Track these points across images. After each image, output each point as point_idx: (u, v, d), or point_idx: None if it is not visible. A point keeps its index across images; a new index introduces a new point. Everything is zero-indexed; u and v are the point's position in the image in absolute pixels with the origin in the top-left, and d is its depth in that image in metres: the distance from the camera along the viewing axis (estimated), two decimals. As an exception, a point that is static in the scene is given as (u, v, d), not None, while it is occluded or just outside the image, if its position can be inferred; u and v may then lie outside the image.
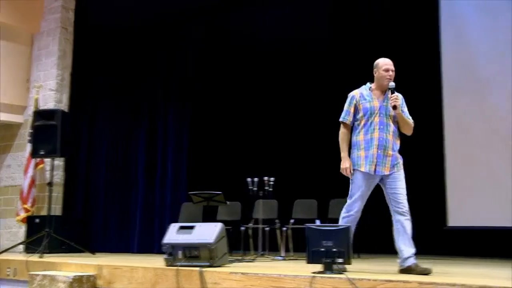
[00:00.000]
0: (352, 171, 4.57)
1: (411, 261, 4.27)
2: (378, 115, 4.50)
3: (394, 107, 4.43)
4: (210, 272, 4.45)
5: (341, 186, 8.04)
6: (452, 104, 7.66)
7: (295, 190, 8.12)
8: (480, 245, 7.28)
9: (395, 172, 4.49)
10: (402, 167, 4.55)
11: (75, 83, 9.04)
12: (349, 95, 4.70)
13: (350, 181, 4.63)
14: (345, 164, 4.57)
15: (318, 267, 4.12)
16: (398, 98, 4.47)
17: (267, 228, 7.26)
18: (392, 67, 4.58)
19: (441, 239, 7.46)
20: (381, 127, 4.48)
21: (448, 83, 7.62)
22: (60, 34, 9.00)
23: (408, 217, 4.40)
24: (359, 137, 4.56)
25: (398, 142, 4.58)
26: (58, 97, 8.85)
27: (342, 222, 4.51)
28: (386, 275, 4.12)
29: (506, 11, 7.36)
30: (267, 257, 6.75)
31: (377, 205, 8.09)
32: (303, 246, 4.27)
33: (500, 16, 7.41)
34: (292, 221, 7.38)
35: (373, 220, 7.85)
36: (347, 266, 4.12)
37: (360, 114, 4.57)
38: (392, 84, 4.50)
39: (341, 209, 7.46)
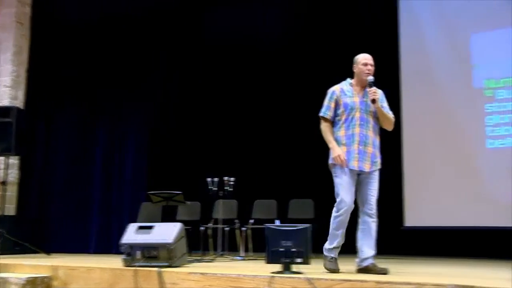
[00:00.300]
0: (334, 167, 4.48)
1: (369, 261, 4.31)
2: (358, 110, 4.44)
3: (373, 101, 4.38)
4: (169, 272, 4.41)
5: (301, 187, 8.20)
6: (409, 105, 7.82)
7: (255, 190, 8.14)
8: (435, 244, 7.45)
9: (373, 172, 4.46)
10: (380, 165, 4.53)
11: (31, 80, 8.80)
12: (329, 90, 4.61)
13: (334, 178, 4.52)
14: (336, 151, 4.41)
15: (277, 267, 4.13)
16: (377, 92, 4.43)
17: (226, 228, 7.25)
18: (371, 62, 4.53)
19: (397, 239, 7.59)
20: (362, 122, 4.43)
21: (406, 84, 7.77)
22: (15, 29, 8.74)
23: (375, 219, 4.41)
24: (340, 132, 4.48)
25: (378, 139, 4.54)
26: (13, 93, 8.60)
27: (335, 222, 4.44)
28: (344, 274, 4.17)
29: (461, 15, 7.57)
30: (227, 257, 6.74)
31: (326, 205, 8.21)
32: (263, 246, 4.28)
33: (455, 21, 7.62)
34: (251, 221, 7.39)
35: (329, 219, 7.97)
36: (306, 266, 4.14)
37: (341, 109, 4.49)
38: (370, 78, 4.45)
39: (301, 209, 7.56)
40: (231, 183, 7.16)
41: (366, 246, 4.35)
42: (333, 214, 4.48)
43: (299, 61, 8.79)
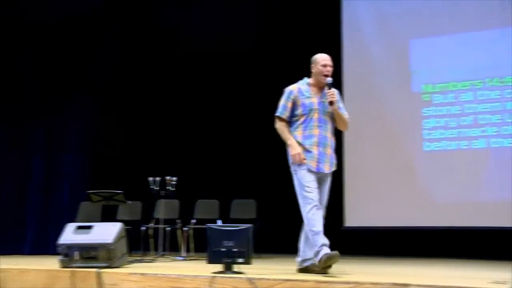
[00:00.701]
0: (293, 165, 4.38)
1: (311, 262, 4.30)
2: (317, 111, 4.34)
3: (331, 103, 4.30)
4: (108, 273, 4.32)
5: (243, 187, 8.21)
6: (350, 107, 7.94)
7: (197, 190, 8.10)
8: (374, 244, 7.63)
9: (329, 176, 4.40)
10: (336, 167, 4.47)
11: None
12: (286, 89, 4.49)
13: (294, 178, 4.40)
14: (295, 149, 4.30)
15: (219, 267, 4.12)
16: (335, 94, 4.35)
17: (168, 228, 7.17)
18: (330, 63, 4.44)
19: (337, 239, 7.71)
20: (320, 124, 4.34)
21: (348, 86, 7.90)
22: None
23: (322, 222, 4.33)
24: (297, 133, 4.37)
25: (334, 140, 4.46)
26: None
27: (309, 217, 4.25)
28: (285, 274, 4.20)
29: (401, 21, 7.78)
30: (167, 258, 6.67)
31: (277, 206, 8.28)
32: (204, 246, 4.25)
33: (396, 26, 7.83)
34: (193, 221, 7.35)
35: (274, 220, 8.04)
36: (247, 266, 4.15)
37: (299, 110, 4.37)
38: (329, 79, 4.36)
39: (243, 210, 7.57)
40: (173, 182, 7.09)
41: (309, 246, 4.29)
42: (304, 213, 4.31)
43: (240, 61, 8.78)
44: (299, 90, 4.43)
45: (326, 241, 4.20)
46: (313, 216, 4.23)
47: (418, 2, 7.71)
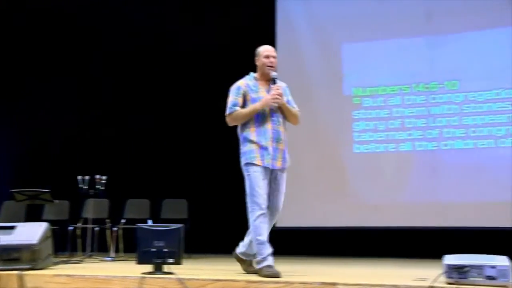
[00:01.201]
0: (246, 166, 4.26)
1: (252, 258, 4.22)
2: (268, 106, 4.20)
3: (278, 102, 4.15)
4: (32, 275, 4.15)
5: (174, 187, 8.13)
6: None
7: (128, 189, 7.95)
8: (305, 244, 7.73)
9: (283, 171, 4.24)
10: (289, 162, 4.30)
11: None
12: (233, 86, 4.32)
13: (246, 179, 4.27)
14: (265, 100, 4.15)
15: (149, 267, 4.05)
16: (280, 88, 4.19)
17: (96, 228, 7.00)
18: (273, 53, 4.31)
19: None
20: (273, 118, 4.19)
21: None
22: None
23: (276, 219, 4.26)
24: (250, 129, 4.21)
25: (286, 133, 4.30)
26: None
27: (255, 225, 4.14)
28: (216, 274, 4.18)
29: (334, 24, 7.95)
30: (96, 258, 6.50)
31: (208, 206, 8.26)
32: (134, 246, 4.18)
33: (328, 30, 7.98)
34: (123, 221, 7.20)
35: (205, 220, 8.00)
36: (178, 266, 4.10)
37: (249, 105, 4.21)
38: (274, 74, 4.23)
39: (174, 209, 7.49)
40: (103, 181, 6.92)
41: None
42: (251, 219, 4.18)
43: (172, 60, 8.72)
44: (247, 85, 4.28)
45: (270, 250, 4.12)
46: (260, 224, 4.13)
47: (350, 7, 7.90)
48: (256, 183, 4.15)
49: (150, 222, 6.74)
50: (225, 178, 8.37)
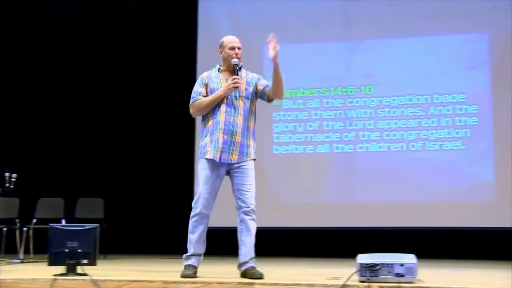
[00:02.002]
0: (199, 161, 4.09)
1: (248, 265, 3.94)
2: (225, 97, 4.02)
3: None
4: None
5: (90, 185, 7.91)
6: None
7: (40, 188, 7.62)
8: (224, 244, 7.70)
9: (244, 164, 4.00)
10: (253, 156, 4.05)
11: None
12: (198, 77, 4.23)
13: (197, 173, 4.11)
14: (227, 86, 4.00)
15: (61, 269, 3.91)
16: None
17: (5, 229, 6.65)
18: (238, 45, 4.18)
19: (186, 239, 7.72)
20: (228, 109, 4.00)
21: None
22: None
23: (253, 217, 3.99)
24: (208, 122, 4.06)
25: (251, 125, 4.08)
26: None
27: (191, 223, 4.02)
28: (132, 275, 4.11)
29: (256, 27, 8.01)
30: (2, 261, 6.18)
31: (125, 206, 8.09)
32: (47, 247, 4.01)
33: (251, 31, 8.03)
34: (34, 220, 6.90)
35: (122, 220, 7.84)
36: (93, 267, 3.98)
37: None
38: (235, 60, 4.09)
39: (89, 209, 7.28)
40: (13, 179, 6.60)
41: (245, 247, 3.96)
42: (191, 214, 4.05)
43: (90, 58, 8.50)
44: (209, 76, 4.17)
45: (197, 250, 4.02)
46: (193, 223, 4.03)
47: (273, 10, 7.99)
48: (201, 181, 4.03)
49: (63, 222, 6.53)
50: (142, 177, 8.26)
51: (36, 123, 8.39)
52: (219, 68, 4.22)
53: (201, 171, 4.04)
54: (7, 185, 6.58)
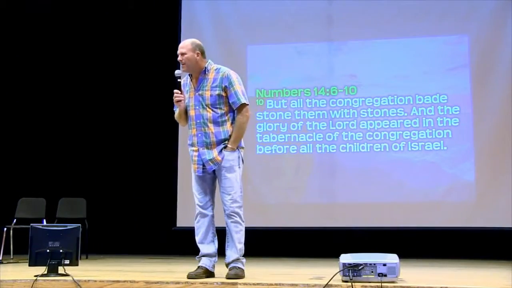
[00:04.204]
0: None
1: (230, 266, 3.93)
2: (192, 108, 3.94)
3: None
4: None
5: (72, 185, 7.84)
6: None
7: (21, 188, 7.55)
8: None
9: (224, 167, 3.91)
10: (233, 156, 3.93)
11: None
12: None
13: None
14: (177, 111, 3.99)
15: (43, 269, 3.87)
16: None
17: (-16, 229, 6.57)
18: (180, 50, 3.99)
19: (169, 238, 7.71)
20: (198, 121, 3.92)
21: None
22: None
23: (235, 219, 3.93)
24: (189, 132, 4.02)
25: (223, 129, 3.92)
26: None
27: (194, 225, 4.01)
28: (114, 275, 4.08)
29: (239, 26, 8.01)
30: (-18, 261, 6.10)
31: (108, 205, 8.04)
32: (27, 248, 3.97)
33: (234, 31, 8.04)
34: (14, 220, 6.81)
35: (104, 220, 7.79)
36: (75, 268, 3.95)
37: None
38: (176, 72, 3.93)
39: (71, 208, 7.22)
40: (-7, 179, 6.53)
41: (229, 250, 3.96)
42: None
43: (75, 58, 8.44)
44: (184, 83, 4.06)
45: (205, 251, 3.97)
46: (196, 224, 4.01)
47: (256, 9, 8.00)
48: (193, 185, 4.02)
49: (44, 222, 6.47)
50: (125, 177, 8.21)
51: (16, 121, 8.31)
52: (191, 74, 4.08)
53: (193, 175, 4.02)
54: (-13, 184, 6.50)
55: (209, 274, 3.91)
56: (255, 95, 7.85)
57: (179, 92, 3.95)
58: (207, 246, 3.98)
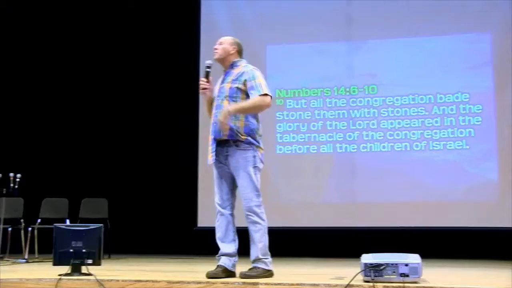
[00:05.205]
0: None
1: (252, 266, 3.96)
2: (216, 99, 4.00)
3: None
4: None
5: (94, 185, 7.92)
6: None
7: (45, 188, 7.65)
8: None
9: (238, 166, 3.91)
10: (246, 154, 3.92)
11: None
12: None
13: None
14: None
15: (66, 269, 3.92)
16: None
17: (9, 229, 6.67)
18: (219, 41, 4.12)
19: (191, 239, 7.74)
20: (216, 111, 3.95)
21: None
22: None
23: (252, 218, 3.92)
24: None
25: (238, 123, 3.91)
26: None
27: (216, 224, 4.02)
28: (136, 275, 4.12)
29: (259, 26, 8.02)
30: (7, 261, 6.20)
31: (129, 206, 8.11)
32: (51, 247, 4.03)
33: (253, 31, 8.05)
34: (39, 220, 6.92)
35: (125, 220, 7.86)
36: (97, 267, 4.00)
37: None
38: (208, 62, 4.01)
39: (94, 209, 7.29)
40: (17, 179, 6.61)
41: (251, 249, 3.98)
42: None
43: (97, 59, 8.52)
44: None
45: (224, 250, 3.96)
46: (216, 222, 4.01)
47: (275, 9, 8.00)
48: (214, 183, 4.05)
49: (68, 222, 6.55)
50: (146, 177, 8.27)
51: (40, 123, 8.43)
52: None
53: (213, 171, 4.05)
54: (11, 185, 6.58)
55: (229, 273, 3.89)
56: (275, 95, 7.84)
57: (205, 80, 4.02)
58: (227, 245, 3.98)
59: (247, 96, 3.96)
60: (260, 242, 3.94)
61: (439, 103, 7.35)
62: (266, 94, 3.94)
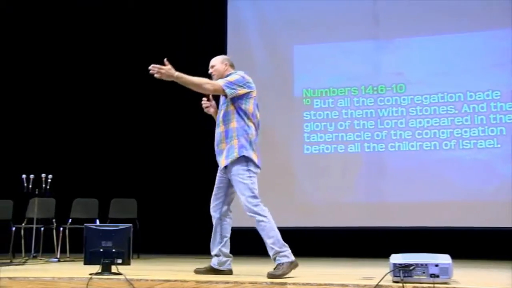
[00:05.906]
0: None
1: (275, 264, 4.05)
2: (217, 116, 4.36)
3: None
4: (-29, 278, 3.99)
5: (124, 186, 8.01)
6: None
7: (75, 189, 7.78)
8: (255, 244, 7.71)
9: (232, 179, 4.19)
10: (237, 154, 4.13)
11: None
12: None
13: None
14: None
15: (96, 268, 3.98)
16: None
17: (42, 228, 6.80)
18: (210, 65, 4.52)
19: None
20: (216, 122, 4.34)
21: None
22: None
23: (256, 219, 4.19)
24: None
25: (228, 127, 4.18)
26: None
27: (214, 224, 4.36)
28: (164, 275, 4.15)
29: (285, 26, 8.01)
30: (40, 260, 6.32)
31: (158, 206, 8.17)
32: (82, 247, 4.09)
33: (280, 31, 8.04)
34: (69, 220, 7.04)
35: (154, 220, 7.92)
36: (127, 267, 4.05)
37: None
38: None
39: (123, 209, 7.38)
40: (49, 180, 6.74)
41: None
42: None
43: (120, 60, 8.62)
44: None
45: (212, 251, 4.31)
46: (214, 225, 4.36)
47: (301, 9, 7.98)
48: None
49: (98, 222, 6.64)
50: (175, 178, 8.32)
51: (72, 125, 8.56)
52: None
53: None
54: (43, 186, 6.71)
55: (216, 271, 4.18)
56: (302, 94, 7.84)
57: (205, 99, 4.38)
58: (213, 247, 4.31)
59: (238, 115, 4.19)
60: (271, 238, 4.08)
61: (469, 101, 7.24)
62: (221, 87, 4.15)
